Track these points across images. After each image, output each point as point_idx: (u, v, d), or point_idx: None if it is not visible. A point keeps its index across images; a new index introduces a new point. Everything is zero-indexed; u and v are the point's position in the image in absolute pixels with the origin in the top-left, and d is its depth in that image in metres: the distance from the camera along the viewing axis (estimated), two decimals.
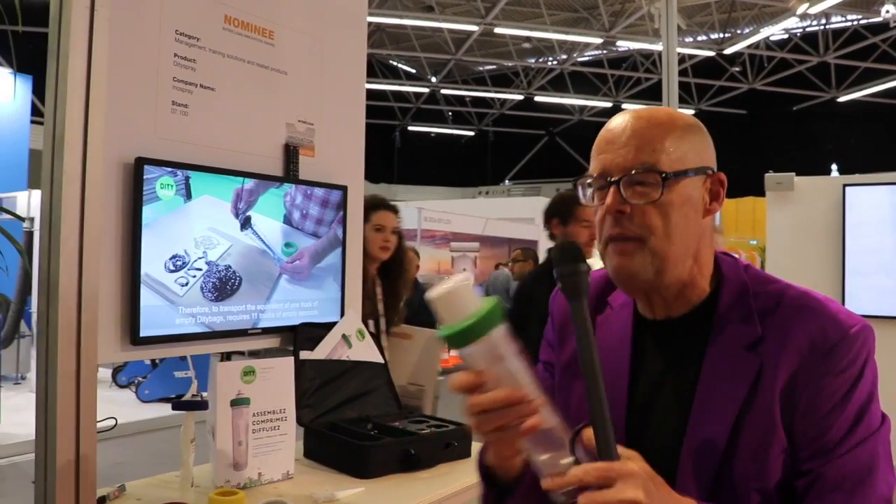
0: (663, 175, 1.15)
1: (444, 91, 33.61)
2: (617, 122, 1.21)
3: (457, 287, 0.97)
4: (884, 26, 20.28)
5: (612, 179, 1.16)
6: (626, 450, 1.01)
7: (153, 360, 8.68)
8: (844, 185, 6.36)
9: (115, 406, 8.48)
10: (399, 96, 34.42)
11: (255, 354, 2.86)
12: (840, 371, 1.10)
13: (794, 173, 6.57)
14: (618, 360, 1.25)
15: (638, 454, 1.01)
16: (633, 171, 1.16)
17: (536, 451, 1.01)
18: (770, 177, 6.64)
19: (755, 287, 1.20)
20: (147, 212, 2.16)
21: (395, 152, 38.52)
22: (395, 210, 3.46)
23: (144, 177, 2.14)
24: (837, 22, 24.34)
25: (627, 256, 1.17)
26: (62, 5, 1.77)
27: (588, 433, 0.99)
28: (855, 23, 23.90)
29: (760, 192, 6.65)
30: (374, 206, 3.31)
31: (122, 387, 9.73)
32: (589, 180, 1.22)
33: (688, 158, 1.18)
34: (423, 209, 14.16)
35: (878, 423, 1.11)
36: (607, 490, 0.93)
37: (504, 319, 0.99)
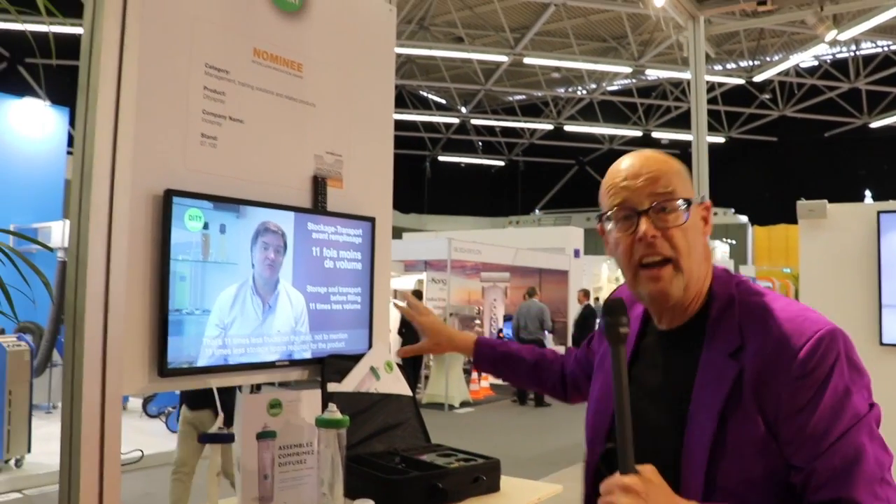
0: (688, 202, 1.38)
1: (473, 121, 33.79)
2: (627, 164, 1.43)
3: None
4: None
5: (642, 209, 1.37)
6: (645, 466, 1.20)
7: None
8: (879, 212, 6.22)
9: (145, 436, 8.53)
10: (429, 126, 34.66)
11: (285, 385, 2.85)
12: (805, 374, 1.24)
13: (826, 200, 6.47)
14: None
15: (653, 469, 1.20)
16: (659, 202, 1.37)
17: None
18: (802, 204, 6.55)
19: (742, 298, 1.39)
20: (176, 243, 2.16)
21: (426, 182, 38.72)
22: None
23: (173, 208, 2.15)
24: (868, 48, 24.21)
25: (663, 281, 1.37)
26: (92, 41, 1.79)
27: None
28: (885, 49, 23.74)
29: (792, 220, 6.60)
30: None
31: (152, 417, 9.80)
32: (609, 213, 1.42)
33: (689, 190, 1.42)
34: (453, 239, 14.14)
35: (861, 413, 1.23)
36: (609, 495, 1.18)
37: None
